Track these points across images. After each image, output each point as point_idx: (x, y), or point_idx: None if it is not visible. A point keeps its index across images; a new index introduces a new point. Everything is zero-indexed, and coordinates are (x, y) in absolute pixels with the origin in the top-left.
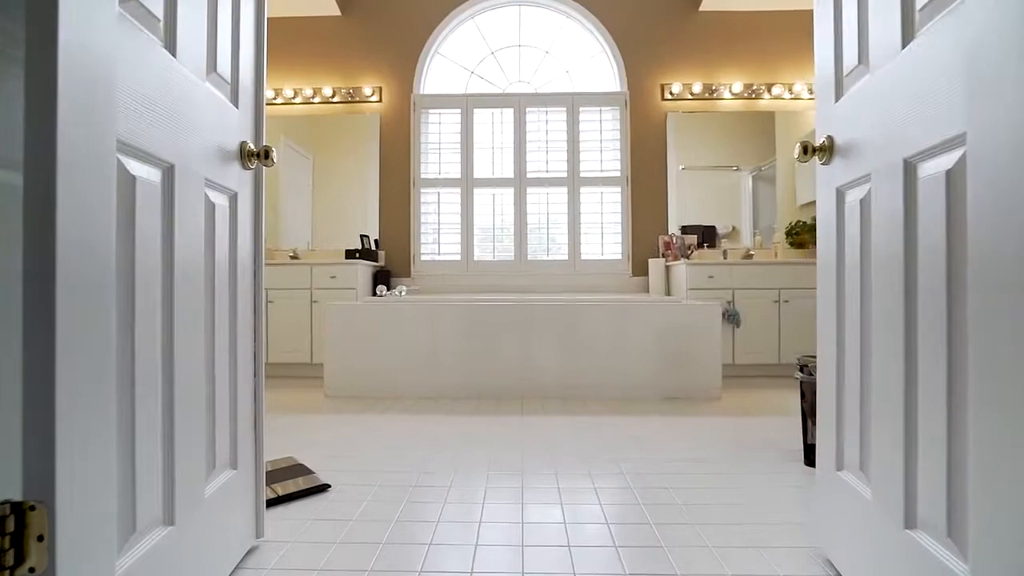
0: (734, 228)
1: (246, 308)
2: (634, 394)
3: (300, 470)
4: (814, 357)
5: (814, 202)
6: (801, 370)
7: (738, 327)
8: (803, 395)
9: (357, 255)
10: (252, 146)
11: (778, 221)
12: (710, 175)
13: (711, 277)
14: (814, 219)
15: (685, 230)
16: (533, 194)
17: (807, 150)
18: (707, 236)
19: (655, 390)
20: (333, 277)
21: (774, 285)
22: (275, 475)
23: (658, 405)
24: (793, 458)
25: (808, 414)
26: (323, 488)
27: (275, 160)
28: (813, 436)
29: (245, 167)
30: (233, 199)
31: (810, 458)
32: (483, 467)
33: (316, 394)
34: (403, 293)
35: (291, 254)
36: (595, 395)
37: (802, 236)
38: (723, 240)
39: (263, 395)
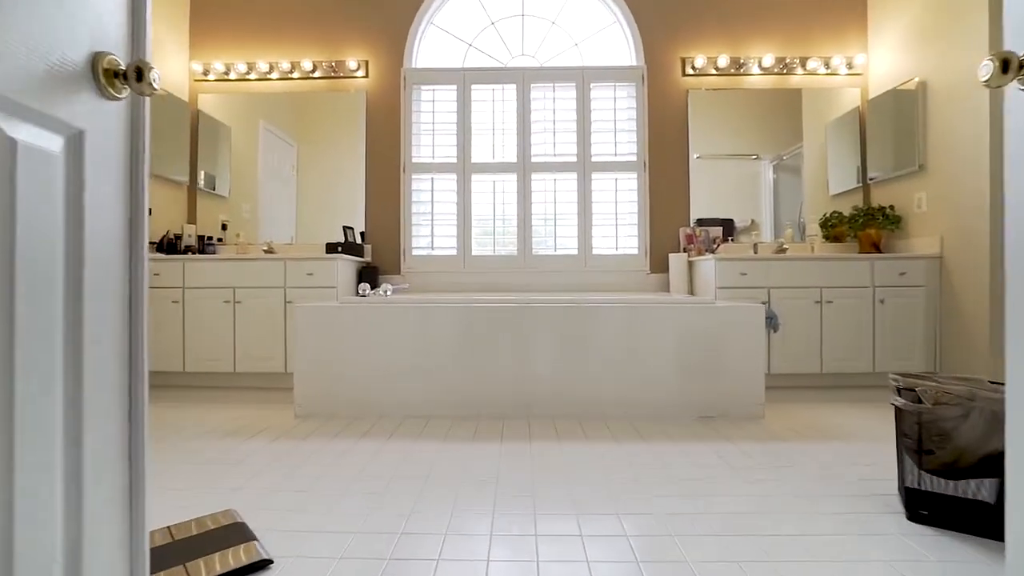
0: (753, 222)
1: (106, 320)
2: (662, 412)
3: (236, 533)
4: (915, 376)
5: (853, 190)
6: (899, 393)
7: (776, 332)
8: (899, 425)
9: (339, 249)
10: (117, 60)
11: (806, 213)
12: (728, 165)
13: (744, 274)
14: (856, 208)
15: (701, 223)
16: (538, 181)
17: (1008, 66)
18: (725, 230)
19: (686, 407)
20: (310, 274)
21: (815, 283)
22: (199, 542)
23: (692, 427)
24: (887, 507)
25: (910, 452)
26: (262, 565)
27: (156, 83)
28: (914, 479)
29: (105, 94)
30: (75, 142)
31: (914, 511)
32: (484, 525)
33: (286, 412)
34: (389, 293)
35: (265, 248)
36: (616, 414)
37: (839, 229)
38: (741, 235)
39: (145, 453)
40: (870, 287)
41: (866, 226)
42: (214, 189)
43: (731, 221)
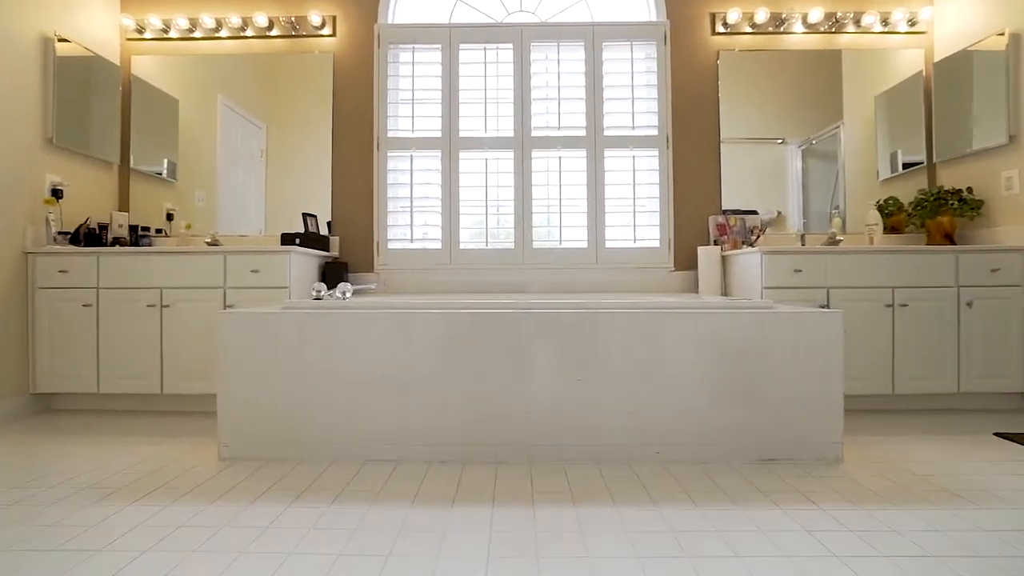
0: (780, 213)
1: None
2: (706, 452)
3: None
4: None
5: (911, 171)
6: None
7: None
8: None
9: (297, 241)
10: None
11: (844, 201)
12: (749, 149)
13: (798, 271)
14: (922, 192)
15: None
16: (540, 159)
17: None
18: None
19: (738, 446)
20: (255, 271)
21: (885, 282)
22: None
23: (752, 475)
24: None
25: None
26: None
27: None
28: None
29: None
30: None
31: None
32: None
33: (211, 451)
34: (348, 295)
35: (208, 240)
36: (645, 454)
37: (897, 217)
38: (768, 229)
39: None
40: (954, 287)
41: (937, 213)
42: (166, 174)
43: (755, 213)
